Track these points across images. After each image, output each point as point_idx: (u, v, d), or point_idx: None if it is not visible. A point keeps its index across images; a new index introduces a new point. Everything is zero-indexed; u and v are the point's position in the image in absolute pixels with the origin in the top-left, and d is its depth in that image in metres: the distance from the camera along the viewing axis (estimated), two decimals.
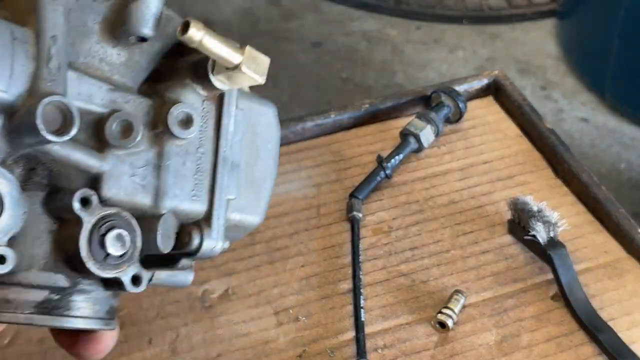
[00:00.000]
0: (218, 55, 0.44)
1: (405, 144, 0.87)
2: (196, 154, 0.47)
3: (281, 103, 2.05)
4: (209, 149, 0.48)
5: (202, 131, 0.48)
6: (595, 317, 0.71)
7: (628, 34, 1.90)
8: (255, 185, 0.52)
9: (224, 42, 0.45)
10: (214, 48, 0.44)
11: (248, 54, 0.46)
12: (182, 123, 0.46)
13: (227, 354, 0.70)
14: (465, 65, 2.16)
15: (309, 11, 2.38)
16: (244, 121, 0.50)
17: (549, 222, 0.75)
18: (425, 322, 0.72)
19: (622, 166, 1.86)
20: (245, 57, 0.45)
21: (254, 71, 0.46)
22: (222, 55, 0.44)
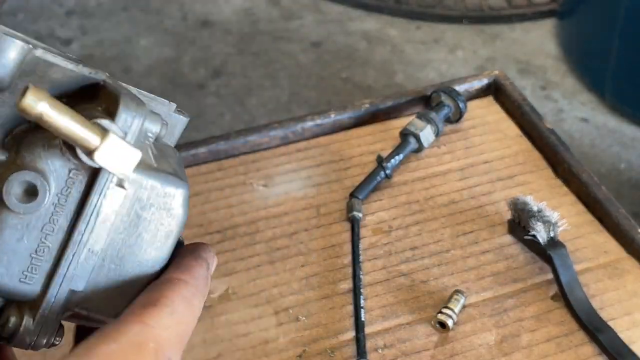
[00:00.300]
0: (66, 134, 0.35)
1: (405, 144, 0.87)
2: (42, 230, 0.38)
3: (281, 103, 2.05)
4: (63, 227, 0.39)
5: (59, 205, 0.38)
6: (595, 317, 0.71)
7: (628, 34, 1.90)
8: (121, 281, 0.41)
9: (78, 119, 0.36)
10: (60, 125, 0.35)
11: (109, 143, 0.36)
12: (23, 195, 0.37)
13: (227, 354, 0.70)
14: (465, 65, 2.16)
15: (309, 11, 2.38)
16: (128, 202, 0.39)
17: (549, 222, 0.75)
18: (426, 322, 0.72)
19: (622, 166, 1.86)
20: (104, 144, 0.36)
21: (112, 167, 0.37)
22: (71, 135, 0.36)
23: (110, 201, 0.39)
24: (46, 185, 0.38)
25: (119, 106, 0.38)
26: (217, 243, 0.79)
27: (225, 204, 0.84)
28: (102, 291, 0.41)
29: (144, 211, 0.40)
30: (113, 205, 0.39)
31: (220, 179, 0.87)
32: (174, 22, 2.35)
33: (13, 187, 0.37)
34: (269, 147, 0.90)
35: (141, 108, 0.39)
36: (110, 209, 0.39)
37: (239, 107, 2.06)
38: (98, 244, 0.40)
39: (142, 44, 2.26)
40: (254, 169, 0.88)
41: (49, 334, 0.40)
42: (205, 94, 2.10)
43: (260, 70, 2.14)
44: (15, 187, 0.37)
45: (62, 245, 0.39)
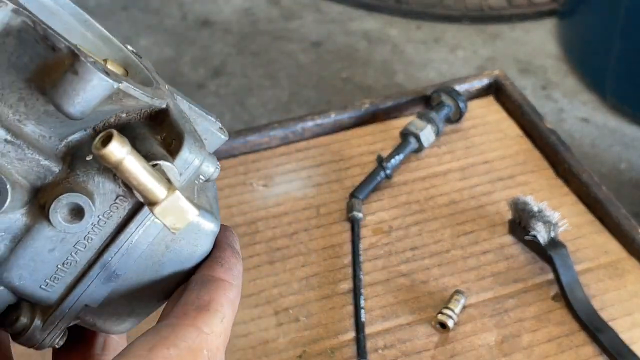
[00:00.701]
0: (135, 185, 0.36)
1: (406, 143, 0.87)
2: (74, 246, 0.39)
3: (281, 103, 2.05)
4: (95, 246, 0.39)
5: (97, 226, 0.39)
6: (595, 317, 0.71)
7: (629, 34, 1.90)
8: (134, 301, 0.43)
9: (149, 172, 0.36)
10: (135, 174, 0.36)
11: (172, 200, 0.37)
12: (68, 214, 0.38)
13: (226, 354, 0.70)
14: (465, 65, 2.16)
15: (309, 11, 2.37)
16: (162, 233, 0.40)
17: (549, 222, 0.75)
18: (426, 322, 0.72)
19: (622, 166, 1.85)
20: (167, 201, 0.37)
21: (168, 221, 0.37)
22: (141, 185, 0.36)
23: (147, 233, 0.40)
24: (93, 210, 0.38)
25: (182, 146, 0.38)
26: None
27: (225, 204, 0.84)
28: (115, 307, 0.42)
29: (174, 243, 0.41)
30: (148, 237, 0.40)
31: (220, 179, 0.86)
32: (174, 21, 2.35)
33: (61, 207, 0.37)
34: (269, 147, 0.90)
35: (202, 150, 0.39)
36: (145, 240, 0.40)
37: (239, 107, 2.05)
38: (123, 269, 0.40)
39: (142, 44, 2.26)
40: (254, 169, 0.88)
41: (55, 337, 0.41)
42: (205, 94, 2.10)
43: (260, 70, 2.14)
44: (63, 207, 0.37)
45: (89, 263, 0.40)
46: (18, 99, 0.36)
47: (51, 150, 0.38)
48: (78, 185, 0.38)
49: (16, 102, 0.36)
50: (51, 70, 0.35)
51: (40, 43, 0.35)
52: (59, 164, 0.38)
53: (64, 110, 0.35)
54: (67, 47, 0.34)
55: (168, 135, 0.40)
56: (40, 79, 0.36)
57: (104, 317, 0.42)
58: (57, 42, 0.34)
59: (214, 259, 0.42)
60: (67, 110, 0.35)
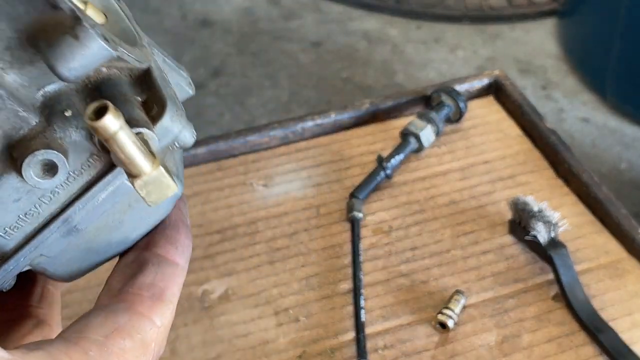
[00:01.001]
0: (126, 158, 0.35)
1: (406, 143, 0.87)
2: (40, 198, 0.38)
3: (281, 103, 2.05)
4: (60, 200, 0.39)
5: (66, 182, 0.38)
6: (596, 317, 0.71)
7: (629, 34, 1.90)
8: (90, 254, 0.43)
9: (137, 145, 0.36)
10: (124, 148, 0.35)
11: (155, 176, 0.36)
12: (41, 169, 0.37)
13: (226, 355, 0.70)
14: (465, 65, 2.16)
15: (309, 11, 2.37)
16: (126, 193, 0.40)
17: (549, 222, 0.75)
18: (426, 322, 0.72)
19: (622, 166, 1.85)
20: (149, 176, 0.36)
21: (146, 194, 0.36)
22: (129, 159, 0.35)
23: (115, 193, 0.40)
24: (67, 168, 0.37)
25: (164, 113, 0.38)
26: (217, 243, 0.79)
27: (225, 204, 0.84)
28: (68, 258, 0.42)
29: (137, 203, 0.41)
30: (115, 197, 0.40)
31: (220, 179, 0.87)
32: (174, 21, 2.35)
33: (35, 162, 0.36)
34: (269, 147, 0.90)
35: (182, 118, 0.39)
36: (111, 199, 0.40)
37: (239, 107, 2.05)
38: (84, 224, 0.40)
39: None
40: (254, 169, 0.88)
41: (4, 282, 0.41)
42: (204, 94, 2.09)
43: (260, 70, 2.14)
44: (37, 162, 0.37)
45: (52, 216, 0.39)
46: (5, 48, 0.35)
47: (29, 100, 0.37)
48: (55, 142, 0.37)
49: (2, 50, 0.36)
50: (48, 27, 0.35)
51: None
52: (37, 116, 0.37)
53: (57, 71, 0.35)
54: (69, 9, 0.34)
55: (149, 99, 0.39)
56: (33, 33, 0.35)
57: (55, 266, 0.41)
58: (60, 2, 0.34)
59: (169, 239, 0.42)
60: (60, 72, 0.35)
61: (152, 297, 0.39)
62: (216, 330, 0.72)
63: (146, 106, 0.39)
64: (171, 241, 0.42)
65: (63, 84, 0.38)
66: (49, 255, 0.41)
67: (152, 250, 0.41)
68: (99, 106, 0.34)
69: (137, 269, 0.40)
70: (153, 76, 0.40)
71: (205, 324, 0.72)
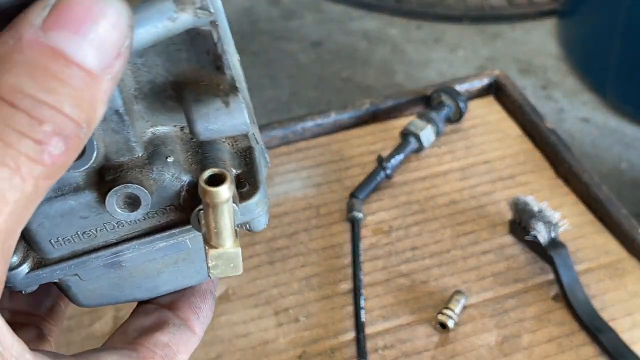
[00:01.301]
0: (216, 228, 0.35)
1: (406, 143, 0.87)
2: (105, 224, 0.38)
3: (281, 103, 2.05)
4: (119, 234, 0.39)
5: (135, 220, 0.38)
6: (596, 317, 0.71)
7: (629, 34, 1.90)
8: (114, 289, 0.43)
9: (230, 220, 0.35)
10: (222, 220, 0.35)
11: (231, 254, 0.36)
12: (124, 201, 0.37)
13: (226, 355, 0.70)
14: (465, 65, 2.16)
15: (309, 10, 2.37)
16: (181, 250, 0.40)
17: (549, 222, 0.75)
18: (426, 322, 0.72)
19: (623, 166, 1.85)
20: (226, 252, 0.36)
21: (213, 266, 0.36)
22: (218, 230, 0.35)
23: (172, 246, 0.40)
24: (147, 209, 0.37)
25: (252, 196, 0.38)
26: None
27: None
28: (95, 287, 0.41)
29: (184, 262, 0.41)
30: (170, 250, 0.40)
31: None
32: None
33: (123, 193, 0.37)
34: (269, 147, 0.90)
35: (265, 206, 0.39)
36: (166, 250, 0.40)
37: None
38: (129, 263, 0.40)
39: None
40: None
41: (30, 286, 0.40)
42: None
43: (260, 70, 2.14)
44: (124, 194, 0.37)
45: (105, 245, 0.39)
46: (148, 80, 0.35)
47: (141, 132, 0.37)
48: (147, 181, 0.37)
49: (146, 82, 0.35)
50: (202, 83, 0.35)
51: (210, 56, 0.34)
52: (142, 150, 0.37)
53: (194, 126, 0.35)
54: (231, 77, 0.34)
55: (243, 174, 0.39)
56: (183, 82, 0.35)
57: (81, 289, 0.41)
58: (226, 67, 0.34)
59: (193, 307, 0.42)
60: (196, 129, 0.35)
61: (164, 358, 0.39)
62: (216, 330, 0.72)
63: (237, 181, 0.39)
64: (195, 310, 0.42)
65: (172, 130, 0.38)
66: (81, 278, 0.41)
67: (175, 312, 0.41)
68: (217, 173, 0.34)
69: (156, 325, 0.41)
70: (254, 155, 0.40)
71: None
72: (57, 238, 0.38)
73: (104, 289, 0.42)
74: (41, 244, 0.38)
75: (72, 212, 0.38)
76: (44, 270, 0.39)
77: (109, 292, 0.42)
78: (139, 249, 0.39)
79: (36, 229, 0.37)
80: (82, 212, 0.38)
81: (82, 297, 0.42)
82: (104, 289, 0.42)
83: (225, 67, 0.33)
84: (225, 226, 0.35)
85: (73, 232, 0.38)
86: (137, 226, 0.39)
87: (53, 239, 0.38)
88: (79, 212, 0.38)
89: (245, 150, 0.40)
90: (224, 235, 0.35)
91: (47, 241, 0.38)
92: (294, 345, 0.71)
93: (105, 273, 0.41)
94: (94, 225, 0.38)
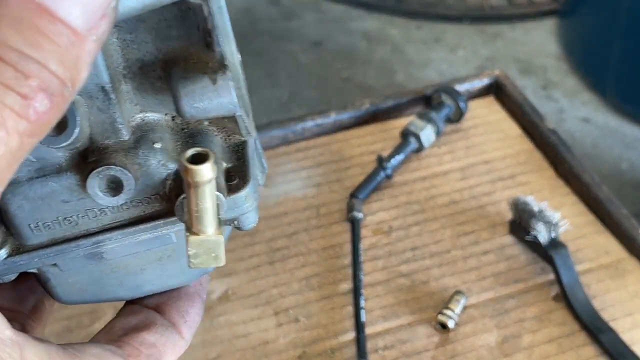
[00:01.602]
0: (197, 211, 0.34)
1: (406, 143, 0.87)
2: (87, 211, 0.37)
3: (281, 103, 2.05)
4: (103, 221, 0.37)
5: (118, 207, 0.37)
6: (596, 317, 0.71)
7: (630, 34, 1.90)
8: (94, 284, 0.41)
9: (213, 205, 0.34)
10: (203, 202, 0.34)
11: (212, 242, 0.35)
12: (106, 184, 0.36)
13: (226, 355, 0.70)
14: (465, 65, 2.16)
15: (309, 10, 2.37)
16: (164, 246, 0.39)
17: (550, 222, 0.75)
18: (426, 322, 0.72)
19: (623, 166, 1.85)
20: (208, 239, 0.35)
21: (194, 255, 0.35)
22: (199, 214, 0.34)
23: (156, 239, 0.38)
24: (130, 195, 0.36)
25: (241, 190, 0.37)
26: None
27: None
28: (75, 280, 0.40)
29: (168, 259, 0.40)
30: (153, 243, 0.39)
31: None
32: None
33: (106, 175, 0.35)
34: (269, 147, 0.90)
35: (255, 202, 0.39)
36: (149, 244, 0.39)
37: None
38: (111, 255, 0.39)
39: None
40: None
41: (7, 274, 0.39)
42: None
43: (260, 70, 2.14)
44: (107, 176, 0.35)
45: (86, 233, 0.38)
46: (137, 59, 0.35)
47: (129, 116, 0.36)
48: (132, 166, 0.36)
49: (135, 60, 0.35)
50: (191, 60, 0.34)
51: (200, 32, 0.33)
52: (129, 134, 0.36)
53: (180, 104, 0.34)
54: (220, 54, 0.33)
55: (234, 168, 0.38)
56: (172, 59, 0.34)
57: (60, 282, 0.40)
58: (215, 44, 0.33)
59: (180, 310, 0.41)
60: (182, 106, 0.34)
61: (149, 357, 0.38)
62: (216, 331, 0.72)
63: (227, 174, 0.38)
64: (182, 313, 0.41)
65: (163, 118, 0.37)
66: (61, 269, 0.39)
67: (162, 315, 0.40)
68: (201, 152, 0.33)
69: (143, 325, 0.40)
70: (247, 150, 0.39)
71: (205, 324, 0.72)
72: (37, 223, 0.37)
73: (84, 283, 0.40)
74: (20, 227, 0.37)
75: (53, 195, 0.36)
76: (22, 257, 0.38)
77: (90, 287, 0.40)
78: (121, 239, 0.38)
79: (15, 211, 0.36)
80: (64, 195, 0.36)
81: (61, 291, 0.40)
82: (85, 284, 0.40)
83: (215, 44, 0.33)
84: (206, 210, 0.34)
85: (53, 217, 0.37)
86: (120, 215, 0.37)
87: (32, 223, 0.37)
88: (60, 195, 0.36)
89: (238, 145, 0.39)
90: (205, 220, 0.34)
91: (26, 225, 0.37)
92: (294, 345, 0.71)
93: (86, 265, 0.39)
94: (75, 211, 0.37)
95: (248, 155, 0.39)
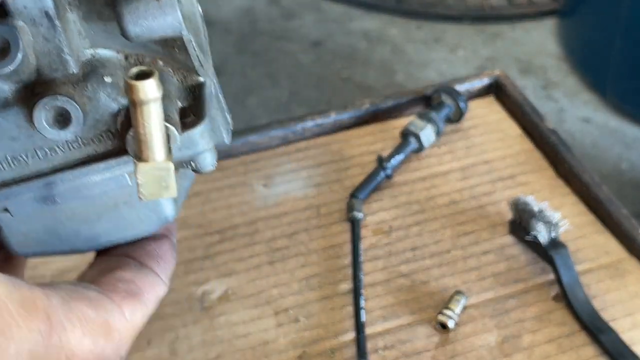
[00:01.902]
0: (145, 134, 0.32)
1: (406, 143, 0.87)
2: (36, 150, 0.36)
3: (281, 103, 2.05)
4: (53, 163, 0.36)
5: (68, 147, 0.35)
6: (596, 318, 0.71)
7: (630, 33, 1.90)
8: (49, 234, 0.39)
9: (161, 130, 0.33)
10: (149, 123, 0.32)
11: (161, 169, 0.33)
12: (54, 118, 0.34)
13: (226, 355, 0.70)
14: (466, 65, 2.16)
15: (309, 10, 2.37)
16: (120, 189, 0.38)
17: (550, 222, 0.75)
18: (426, 323, 0.72)
19: (623, 166, 1.85)
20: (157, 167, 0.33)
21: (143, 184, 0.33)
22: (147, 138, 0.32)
23: (109, 180, 0.37)
24: (79, 127, 0.35)
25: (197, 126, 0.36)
26: (216, 243, 0.79)
27: (224, 205, 0.84)
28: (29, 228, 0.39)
29: (126, 205, 0.39)
30: (107, 185, 0.37)
31: (220, 179, 0.87)
32: None
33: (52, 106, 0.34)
34: (269, 147, 0.90)
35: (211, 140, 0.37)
36: (103, 186, 0.37)
37: (239, 107, 2.05)
38: (63, 199, 0.38)
39: None
40: (254, 169, 0.87)
41: None
42: None
43: (260, 70, 2.14)
44: (53, 108, 0.34)
45: (37, 174, 0.37)
46: None
47: (78, 49, 0.35)
48: (81, 97, 0.35)
49: None
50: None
51: None
52: (77, 67, 0.35)
53: (122, 24, 0.33)
54: None
55: (190, 108, 0.38)
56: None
57: (13, 229, 0.38)
58: None
59: (150, 254, 0.40)
60: (126, 25, 0.33)
61: (127, 291, 0.37)
62: (216, 331, 0.72)
63: (183, 113, 0.37)
64: (153, 255, 0.40)
65: (115, 55, 0.36)
66: (13, 214, 0.37)
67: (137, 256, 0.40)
68: (146, 70, 0.32)
69: (117, 266, 0.39)
70: (204, 91, 0.38)
71: (205, 324, 0.72)
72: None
73: (39, 233, 0.39)
74: None
75: (0, 132, 0.35)
76: None
77: (45, 238, 0.39)
78: (73, 181, 0.36)
79: None
80: (11, 131, 0.35)
81: (15, 241, 0.39)
82: (40, 234, 0.39)
83: None
84: (153, 133, 0.33)
85: (2, 156, 0.36)
86: (72, 154, 0.36)
87: None
88: (7, 132, 0.35)
89: (195, 87, 0.38)
90: (152, 144, 0.33)
91: None
92: (294, 345, 0.71)
93: (39, 211, 0.38)
94: (24, 149, 0.35)
95: (205, 96, 0.38)
